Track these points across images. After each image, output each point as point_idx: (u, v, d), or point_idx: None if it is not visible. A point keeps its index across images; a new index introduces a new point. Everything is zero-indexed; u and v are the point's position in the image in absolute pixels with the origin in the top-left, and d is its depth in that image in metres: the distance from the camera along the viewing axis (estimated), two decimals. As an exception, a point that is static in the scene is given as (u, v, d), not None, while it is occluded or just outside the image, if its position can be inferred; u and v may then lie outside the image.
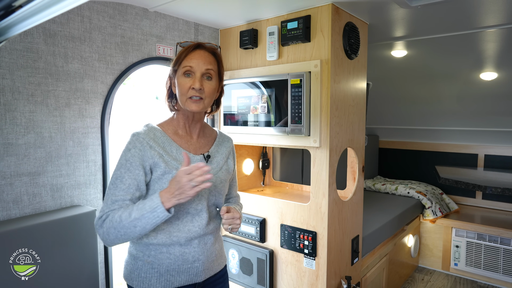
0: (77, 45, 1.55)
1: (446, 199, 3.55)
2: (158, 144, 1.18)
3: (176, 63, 1.21)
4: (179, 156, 1.20)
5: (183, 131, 1.27)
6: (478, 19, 2.04)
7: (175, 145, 1.22)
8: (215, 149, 1.33)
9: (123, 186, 1.12)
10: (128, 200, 1.12)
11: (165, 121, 1.28)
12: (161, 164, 1.16)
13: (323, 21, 1.74)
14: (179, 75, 1.20)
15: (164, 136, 1.21)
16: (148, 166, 1.16)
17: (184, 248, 1.20)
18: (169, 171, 1.16)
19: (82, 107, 1.58)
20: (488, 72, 2.82)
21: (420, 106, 3.50)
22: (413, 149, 3.98)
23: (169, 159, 1.17)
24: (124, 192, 1.12)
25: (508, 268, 2.96)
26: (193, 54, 1.20)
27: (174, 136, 1.24)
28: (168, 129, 1.25)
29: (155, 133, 1.20)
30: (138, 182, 1.14)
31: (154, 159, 1.15)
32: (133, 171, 1.13)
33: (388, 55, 2.89)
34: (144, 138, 1.17)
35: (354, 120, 1.99)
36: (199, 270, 1.24)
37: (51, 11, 0.83)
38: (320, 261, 1.82)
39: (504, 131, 3.36)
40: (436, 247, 3.36)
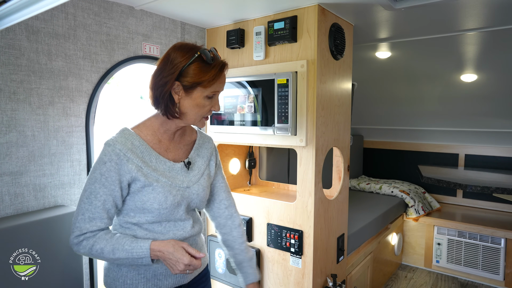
0: (61, 43, 1.53)
1: (429, 198, 3.64)
2: (136, 155, 1.09)
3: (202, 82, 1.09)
4: (159, 166, 1.14)
5: (164, 136, 1.18)
6: (458, 22, 2.10)
7: (155, 154, 1.14)
8: (196, 153, 1.27)
9: (98, 203, 1.06)
10: (105, 218, 1.08)
11: (143, 124, 1.17)
12: (140, 177, 1.09)
13: (309, 21, 1.76)
14: (198, 95, 1.10)
15: (143, 145, 1.12)
16: (126, 181, 1.09)
17: None
18: (149, 183, 1.10)
19: (66, 105, 1.55)
20: (468, 74, 2.91)
21: (403, 106, 3.58)
22: (397, 149, 4.06)
23: (148, 171, 1.10)
24: (101, 209, 1.06)
25: (486, 264, 3.06)
26: (221, 77, 1.12)
27: (153, 142, 1.15)
28: (147, 134, 1.15)
29: (133, 141, 1.10)
30: (114, 198, 1.08)
31: (132, 173, 1.08)
32: (109, 186, 1.06)
33: (372, 56, 2.95)
34: (121, 150, 1.07)
35: (340, 120, 2.02)
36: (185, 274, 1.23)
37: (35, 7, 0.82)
38: (306, 259, 1.84)
39: (483, 132, 3.47)
40: (419, 245, 3.44)
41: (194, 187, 1.21)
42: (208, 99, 1.13)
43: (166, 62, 1.11)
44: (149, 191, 1.10)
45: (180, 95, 1.11)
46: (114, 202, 1.09)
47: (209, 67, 1.10)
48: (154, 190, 1.11)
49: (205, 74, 1.09)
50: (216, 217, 1.41)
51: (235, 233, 1.39)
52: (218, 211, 1.39)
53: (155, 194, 1.11)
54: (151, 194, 1.10)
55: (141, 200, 1.11)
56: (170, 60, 1.10)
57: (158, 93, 1.10)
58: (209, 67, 1.10)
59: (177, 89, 1.10)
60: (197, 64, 1.09)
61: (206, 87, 1.10)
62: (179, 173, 1.19)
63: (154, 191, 1.10)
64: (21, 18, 0.73)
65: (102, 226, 1.08)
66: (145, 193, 1.10)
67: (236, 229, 1.40)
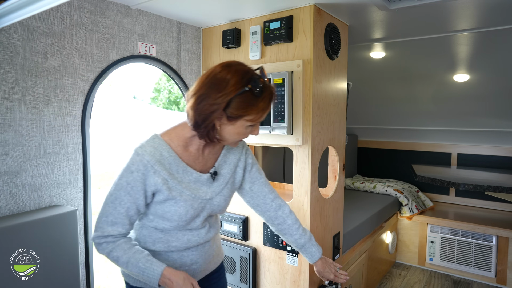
0: (56, 42, 1.52)
1: (422, 197, 3.68)
2: (164, 167, 1.09)
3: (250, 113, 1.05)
4: (185, 177, 1.13)
5: (194, 147, 1.16)
6: (451, 23, 2.13)
7: (183, 165, 1.13)
8: (223, 160, 1.25)
9: (121, 209, 1.08)
10: (127, 224, 1.11)
11: (174, 131, 1.15)
12: (164, 191, 1.10)
13: (305, 21, 1.78)
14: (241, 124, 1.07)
15: (171, 156, 1.11)
16: (150, 192, 1.10)
17: (183, 252, 1.20)
18: (173, 197, 1.11)
19: (62, 104, 1.55)
20: (461, 74, 2.94)
21: (397, 106, 3.61)
22: (391, 148, 4.10)
23: (173, 184, 1.11)
24: (123, 216, 1.09)
25: (479, 261, 3.10)
26: (269, 108, 1.09)
27: (183, 152, 1.14)
28: (178, 144, 1.14)
29: (162, 152, 1.10)
30: (137, 206, 1.10)
31: (157, 186, 1.09)
32: (134, 195, 1.08)
33: (367, 56, 2.97)
34: (149, 161, 1.07)
35: (335, 120, 2.03)
36: (197, 271, 1.25)
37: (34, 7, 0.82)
38: (302, 258, 1.85)
39: (476, 131, 3.52)
40: (413, 243, 3.47)
41: (216, 198, 1.21)
42: (250, 126, 1.11)
43: (211, 88, 1.04)
44: (171, 204, 1.12)
45: (221, 122, 1.07)
46: (137, 209, 1.11)
47: (258, 100, 1.05)
48: (177, 203, 1.12)
49: (252, 108, 1.05)
50: (265, 211, 1.39)
51: (289, 221, 1.39)
52: (265, 206, 1.38)
53: (177, 208, 1.12)
54: (172, 207, 1.12)
55: (162, 210, 1.13)
56: (216, 87, 1.03)
57: (201, 119, 1.06)
58: (257, 100, 1.05)
59: (220, 117, 1.06)
60: (245, 96, 1.04)
61: (251, 118, 1.07)
62: (204, 184, 1.18)
63: (176, 204, 1.12)
64: (19, 17, 0.73)
65: (123, 232, 1.11)
66: (167, 205, 1.12)
67: (288, 217, 1.39)
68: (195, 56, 2.19)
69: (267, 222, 1.44)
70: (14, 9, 0.67)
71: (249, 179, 1.34)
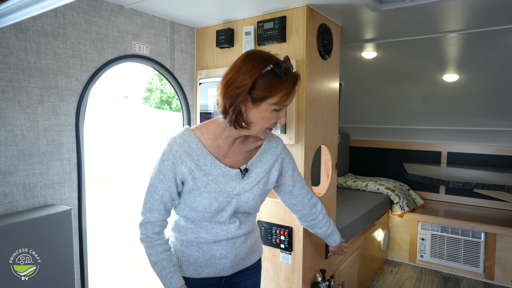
0: (50, 41, 1.52)
1: (413, 195, 3.74)
2: (191, 158, 1.14)
3: (272, 96, 1.07)
4: (213, 170, 1.17)
5: (224, 141, 1.20)
6: (441, 24, 2.18)
7: (211, 158, 1.17)
8: (258, 159, 1.26)
9: (156, 196, 1.17)
10: (162, 211, 1.19)
11: (206, 126, 1.20)
12: (189, 181, 1.15)
13: (298, 22, 1.80)
14: (266, 107, 1.09)
15: (200, 148, 1.16)
16: (180, 180, 1.17)
17: (212, 245, 1.23)
18: (197, 188, 1.15)
19: (56, 104, 1.55)
20: (450, 74, 3.00)
21: (389, 106, 3.66)
22: (382, 147, 4.15)
23: (200, 175, 1.15)
24: (158, 202, 1.17)
25: (467, 257, 3.17)
26: (292, 92, 1.09)
27: (212, 146, 1.18)
28: (208, 137, 1.18)
29: (190, 144, 1.15)
30: (170, 193, 1.18)
31: (184, 175, 1.15)
32: (166, 183, 1.16)
33: (358, 57, 3.01)
34: (177, 151, 1.14)
35: (328, 119, 2.06)
36: (226, 266, 1.27)
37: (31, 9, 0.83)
38: (296, 255, 1.87)
39: (465, 130, 3.59)
40: (404, 240, 3.53)
41: (245, 194, 1.22)
42: (275, 111, 1.12)
43: (238, 72, 1.08)
44: (196, 195, 1.17)
45: (247, 106, 1.10)
46: (171, 196, 1.18)
47: (281, 81, 1.07)
48: (201, 195, 1.16)
49: (275, 89, 1.07)
50: (300, 210, 1.48)
51: (320, 216, 1.52)
52: (302, 206, 1.47)
53: (201, 199, 1.16)
54: (197, 198, 1.17)
55: (189, 200, 1.19)
56: (242, 70, 1.07)
57: (229, 104, 1.09)
58: (281, 82, 1.07)
59: (246, 100, 1.09)
60: (269, 76, 1.06)
61: (275, 101, 1.08)
62: (233, 179, 1.20)
63: (201, 195, 1.16)
64: (18, 19, 0.74)
65: (160, 218, 1.19)
66: (193, 196, 1.17)
67: (321, 213, 1.51)
68: (188, 56, 2.20)
69: (299, 219, 1.53)
70: (12, 10, 0.67)
71: (291, 182, 1.39)
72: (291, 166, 1.37)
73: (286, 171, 1.36)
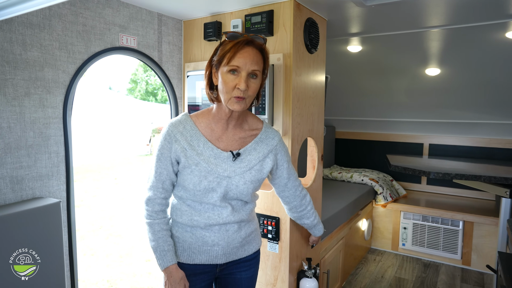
0: (36, 32, 1.50)
1: (396, 185, 3.85)
2: (185, 138, 1.24)
3: (223, 58, 1.18)
4: (205, 151, 1.24)
5: (217, 125, 1.28)
6: (424, 19, 2.24)
7: (203, 139, 1.25)
8: (252, 147, 1.31)
9: (155, 174, 1.27)
10: (160, 188, 1.27)
11: (202, 112, 1.31)
12: (182, 158, 1.23)
13: (285, 16, 1.82)
14: (224, 71, 1.18)
15: (194, 130, 1.26)
16: (175, 159, 1.25)
17: (205, 231, 1.28)
18: (189, 166, 1.23)
19: (42, 96, 1.53)
20: (432, 68, 3.09)
21: (373, 98, 3.74)
22: (367, 139, 4.25)
23: (191, 154, 1.23)
24: (157, 180, 1.27)
25: (447, 245, 3.30)
26: (242, 52, 1.16)
27: (205, 129, 1.27)
28: (202, 121, 1.28)
29: (185, 126, 1.26)
30: (168, 172, 1.26)
31: (177, 152, 1.23)
32: (163, 161, 1.25)
33: (344, 50, 3.06)
34: (172, 131, 1.25)
35: (314, 111, 2.10)
36: (219, 253, 1.30)
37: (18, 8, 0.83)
38: (283, 244, 1.93)
39: (446, 122, 3.71)
40: (387, 229, 3.64)
41: (235, 178, 1.25)
42: (232, 74, 1.17)
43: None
44: (188, 172, 1.23)
45: (216, 77, 1.23)
46: (168, 175, 1.27)
47: (229, 43, 1.19)
48: (192, 172, 1.23)
49: (224, 49, 1.19)
50: (292, 201, 1.54)
51: (309, 207, 1.59)
52: (294, 197, 1.53)
53: (192, 176, 1.23)
54: (189, 175, 1.24)
55: (182, 178, 1.26)
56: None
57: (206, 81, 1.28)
58: (229, 43, 1.19)
59: (215, 66, 1.23)
60: (223, 44, 1.22)
61: (229, 61, 1.17)
62: (224, 162, 1.25)
63: (192, 173, 1.23)
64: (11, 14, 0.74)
65: (159, 195, 1.27)
66: (185, 173, 1.24)
67: (309, 204, 1.58)
68: (176, 49, 2.20)
69: (290, 210, 1.59)
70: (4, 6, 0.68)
71: (286, 175, 1.44)
72: (286, 159, 1.42)
73: (281, 164, 1.40)
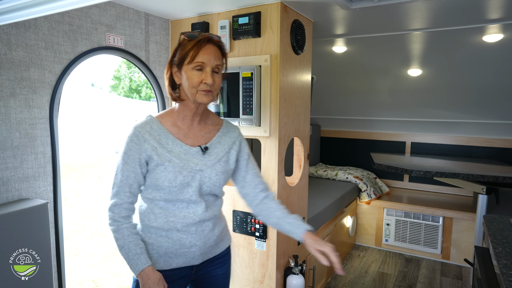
0: (21, 32, 1.48)
1: (379, 183, 3.95)
2: (153, 137, 1.23)
3: (186, 56, 1.21)
4: (175, 148, 1.24)
5: (183, 122, 1.30)
6: (406, 22, 2.31)
7: (172, 137, 1.26)
8: (217, 140, 1.34)
9: (122, 177, 1.22)
10: (128, 193, 1.23)
11: (165, 113, 1.32)
12: (154, 156, 1.22)
13: (272, 18, 1.85)
14: (188, 69, 1.21)
15: (161, 129, 1.25)
16: (144, 159, 1.23)
17: (182, 233, 1.26)
18: (162, 163, 1.22)
19: (28, 97, 1.52)
20: (414, 69, 3.17)
21: (357, 98, 3.82)
22: (351, 138, 4.33)
23: (162, 152, 1.22)
24: (123, 183, 1.22)
25: (427, 240, 3.41)
26: (205, 49, 1.21)
27: (172, 128, 1.28)
28: (167, 121, 1.29)
29: (152, 125, 1.25)
30: (135, 174, 1.23)
31: (147, 152, 1.22)
32: (130, 164, 1.22)
33: (329, 51, 3.11)
34: (140, 132, 1.23)
35: (300, 112, 2.14)
36: (196, 254, 1.30)
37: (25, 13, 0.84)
38: (270, 242, 1.96)
39: (427, 121, 3.82)
40: (370, 226, 3.73)
41: (207, 170, 1.28)
42: (197, 71, 1.21)
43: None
44: (161, 170, 1.22)
45: (178, 76, 1.25)
46: (136, 178, 1.24)
47: (189, 42, 1.21)
48: (166, 169, 1.22)
49: (186, 48, 1.21)
50: (253, 200, 1.43)
51: (272, 203, 1.41)
52: (255, 196, 1.42)
53: (166, 173, 1.22)
54: (163, 173, 1.22)
55: (155, 178, 1.23)
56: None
57: (167, 83, 1.29)
58: (189, 43, 1.21)
59: (175, 70, 1.25)
60: (183, 42, 1.24)
61: (191, 59, 1.20)
62: (194, 156, 1.27)
63: (166, 170, 1.22)
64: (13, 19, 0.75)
65: (126, 199, 1.23)
66: (158, 171, 1.22)
67: (272, 201, 1.42)
68: (163, 48, 2.20)
69: (254, 211, 1.46)
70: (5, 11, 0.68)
71: (244, 167, 1.42)
72: (247, 151, 1.44)
73: (242, 155, 1.41)
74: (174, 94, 1.29)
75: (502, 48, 2.62)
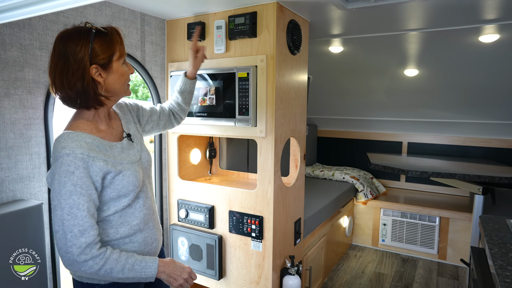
0: (15, 32, 1.47)
1: (376, 183, 3.95)
2: (96, 151, 1.10)
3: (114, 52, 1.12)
4: (114, 152, 1.17)
5: (102, 124, 1.20)
6: (402, 22, 2.31)
7: (106, 143, 1.16)
8: (125, 123, 1.31)
9: (83, 213, 1.04)
10: (95, 224, 1.07)
11: (79, 122, 1.15)
12: (111, 169, 1.11)
13: (268, 18, 1.85)
14: (117, 65, 1.14)
15: (94, 139, 1.12)
16: (99, 180, 1.09)
17: (144, 233, 1.25)
18: (119, 171, 1.14)
19: (23, 97, 1.51)
20: (411, 69, 3.18)
21: (354, 98, 3.82)
22: (348, 138, 4.33)
23: (113, 161, 1.14)
24: (88, 218, 1.05)
25: (424, 240, 3.42)
26: (121, 39, 1.16)
27: (99, 133, 1.17)
28: (92, 129, 1.15)
29: (85, 140, 1.09)
30: (94, 201, 1.08)
31: (102, 169, 1.09)
32: (86, 193, 1.05)
33: (326, 51, 3.11)
34: (82, 153, 1.06)
35: (297, 112, 2.14)
36: (157, 248, 1.32)
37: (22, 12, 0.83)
38: (266, 243, 1.96)
39: (424, 121, 3.83)
40: (367, 226, 3.74)
41: (143, 153, 1.30)
42: (124, 64, 1.19)
43: (64, 57, 1.07)
44: (121, 178, 1.14)
45: (103, 76, 1.12)
46: (95, 204, 1.09)
47: (109, 36, 1.12)
48: (125, 175, 1.15)
49: (112, 43, 1.12)
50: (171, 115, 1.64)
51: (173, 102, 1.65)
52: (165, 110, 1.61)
53: (127, 179, 1.16)
54: (124, 181, 1.15)
55: (116, 189, 1.14)
56: (70, 52, 1.07)
57: (79, 87, 1.08)
58: (109, 37, 1.12)
59: (97, 71, 1.10)
60: (99, 39, 1.10)
61: (119, 54, 1.15)
62: (129, 149, 1.25)
63: (125, 176, 1.15)
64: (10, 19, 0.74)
65: (96, 233, 1.07)
66: (118, 182, 1.14)
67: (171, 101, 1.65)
68: (159, 48, 2.19)
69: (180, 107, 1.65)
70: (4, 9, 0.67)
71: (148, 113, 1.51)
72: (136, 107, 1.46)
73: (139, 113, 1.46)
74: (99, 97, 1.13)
75: (498, 49, 2.63)
